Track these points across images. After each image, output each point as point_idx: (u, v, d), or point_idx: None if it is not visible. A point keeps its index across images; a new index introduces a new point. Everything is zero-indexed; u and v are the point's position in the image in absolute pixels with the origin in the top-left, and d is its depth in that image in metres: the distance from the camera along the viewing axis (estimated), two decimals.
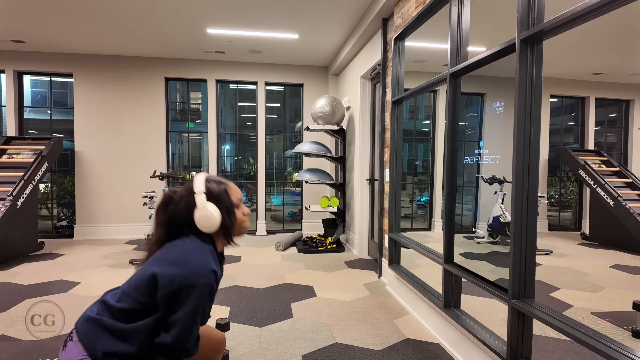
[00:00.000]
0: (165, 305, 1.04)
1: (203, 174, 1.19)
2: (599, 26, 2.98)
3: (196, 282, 1.03)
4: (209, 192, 1.13)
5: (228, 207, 1.15)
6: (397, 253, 3.15)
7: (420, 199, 4.93)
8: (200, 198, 1.11)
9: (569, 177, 6.23)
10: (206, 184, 1.15)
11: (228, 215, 1.15)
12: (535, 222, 1.57)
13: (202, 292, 1.04)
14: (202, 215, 1.10)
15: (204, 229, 1.12)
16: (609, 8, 1.20)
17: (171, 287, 1.02)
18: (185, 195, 1.14)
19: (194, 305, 1.03)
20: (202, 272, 1.05)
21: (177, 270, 1.04)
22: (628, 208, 4.58)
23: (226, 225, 1.15)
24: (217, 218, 1.11)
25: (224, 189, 1.16)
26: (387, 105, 3.42)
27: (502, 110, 2.00)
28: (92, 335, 1.03)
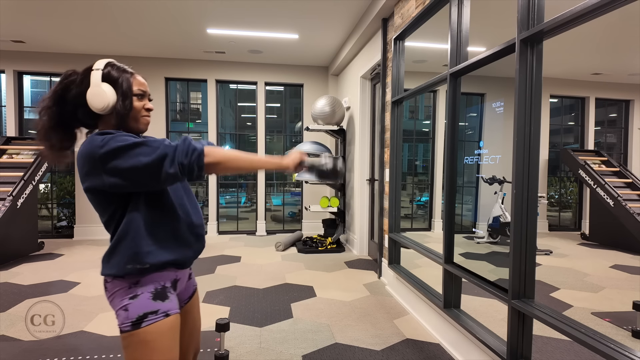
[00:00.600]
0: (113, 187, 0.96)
1: (108, 59, 1.12)
2: (599, 26, 2.98)
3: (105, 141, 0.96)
4: (108, 74, 1.06)
5: (125, 91, 1.07)
6: (397, 253, 3.15)
7: (420, 199, 4.93)
8: (95, 74, 1.05)
9: (569, 177, 6.23)
10: (107, 67, 1.08)
11: (123, 99, 1.06)
12: (535, 222, 1.57)
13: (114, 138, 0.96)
14: (94, 91, 1.03)
15: (94, 107, 1.03)
16: (609, 8, 1.20)
17: (81, 159, 0.97)
18: (82, 72, 1.08)
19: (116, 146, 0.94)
20: (92, 140, 0.98)
21: (81, 149, 0.99)
22: (628, 208, 4.58)
23: (118, 109, 1.05)
24: (109, 97, 1.03)
25: (125, 76, 1.09)
26: (387, 105, 3.42)
27: (502, 111, 2.00)
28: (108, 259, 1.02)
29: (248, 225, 6.07)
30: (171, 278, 1.08)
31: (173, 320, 1.03)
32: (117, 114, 1.06)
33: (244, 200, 7.04)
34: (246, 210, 6.70)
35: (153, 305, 1.00)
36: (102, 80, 1.04)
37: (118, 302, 1.00)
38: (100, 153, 0.94)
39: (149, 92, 1.16)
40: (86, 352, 2.14)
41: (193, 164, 0.97)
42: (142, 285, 1.02)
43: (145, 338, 0.98)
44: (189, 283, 1.21)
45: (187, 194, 1.16)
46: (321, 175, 1.19)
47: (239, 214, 6.26)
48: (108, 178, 0.95)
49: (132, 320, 0.97)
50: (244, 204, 7.00)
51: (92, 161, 0.95)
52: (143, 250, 1.00)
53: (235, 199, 6.66)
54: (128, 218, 1.01)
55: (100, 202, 1.02)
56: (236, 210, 6.32)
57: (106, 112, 1.05)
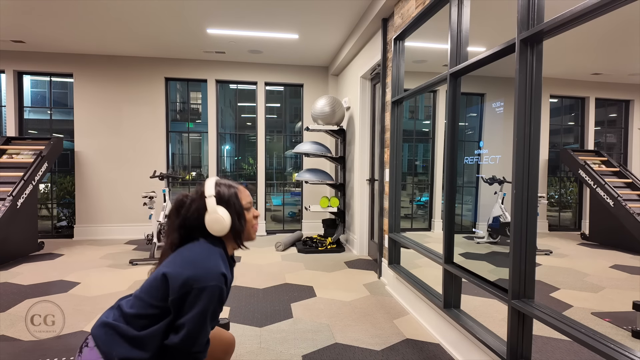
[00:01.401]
0: (175, 307, 1.04)
1: (213, 178, 1.21)
2: (599, 26, 2.98)
3: (206, 284, 1.03)
4: (219, 195, 1.14)
5: (238, 211, 1.16)
6: (397, 253, 3.15)
7: (420, 199, 4.93)
8: (210, 201, 1.12)
9: (568, 177, 6.23)
10: (216, 187, 1.16)
11: (238, 219, 1.16)
12: (535, 222, 1.57)
13: (212, 294, 1.04)
14: (212, 218, 1.11)
15: (214, 232, 1.13)
16: (609, 8, 1.20)
17: (181, 288, 1.03)
18: (196, 199, 1.16)
19: (202, 308, 1.03)
20: (212, 274, 1.05)
21: (186, 272, 1.04)
22: (628, 208, 4.58)
23: (236, 229, 1.16)
24: (227, 221, 1.12)
25: (234, 193, 1.17)
26: (387, 105, 3.42)
27: (502, 111, 2.00)
28: (109, 341, 1.03)
29: None
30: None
31: None
32: (234, 233, 1.17)
33: None
34: None
35: None
36: (216, 204, 1.14)
37: None
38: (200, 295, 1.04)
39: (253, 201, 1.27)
40: None
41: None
42: None
43: None
44: None
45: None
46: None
47: None
48: (179, 300, 1.04)
49: None
50: None
51: (192, 287, 1.04)
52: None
53: None
54: (157, 331, 1.06)
55: (164, 293, 1.07)
56: None
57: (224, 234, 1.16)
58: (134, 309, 1.07)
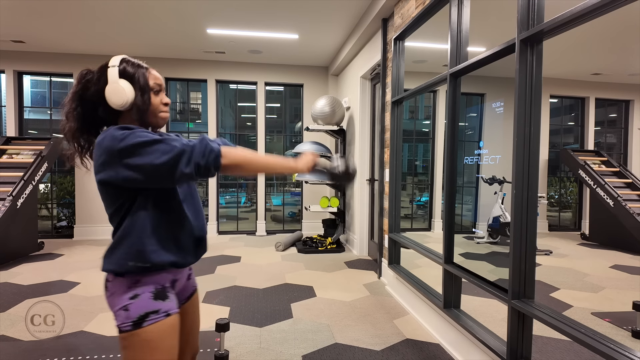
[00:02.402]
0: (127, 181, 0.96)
1: (123, 55, 1.12)
2: (599, 26, 2.98)
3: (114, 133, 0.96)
4: (124, 70, 1.07)
5: (142, 86, 1.07)
6: (397, 253, 3.15)
7: (420, 199, 4.93)
8: (112, 71, 1.05)
9: (568, 177, 6.24)
10: (122, 63, 1.08)
11: (141, 94, 1.07)
12: (535, 223, 1.57)
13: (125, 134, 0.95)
14: (112, 88, 1.04)
15: (113, 104, 1.04)
16: (609, 8, 1.20)
17: (100, 157, 0.96)
18: (97, 70, 1.08)
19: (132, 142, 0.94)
20: (113, 132, 0.97)
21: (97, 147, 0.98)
22: (628, 208, 4.58)
23: (137, 104, 1.06)
24: (128, 93, 1.04)
25: (141, 72, 1.09)
26: (387, 106, 3.42)
27: (502, 111, 2.00)
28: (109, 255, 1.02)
29: (248, 225, 6.07)
30: (170, 278, 1.09)
31: (173, 320, 1.03)
32: (136, 110, 1.07)
33: (243, 201, 7.05)
34: (246, 211, 6.70)
35: (154, 305, 1.00)
36: (119, 76, 1.05)
37: (117, 301, 1.00)
38: (119, 147, 0.94)
39: (164, 86, 1.17)
40: (86, 352, 2.14)
41: (210, 165, 0.98)
42: (142, 285, 1.01)
43: (146, 338, 0.98)
44: (187, 283, 1.21)
45: (193, 198, 1.16)
46: (334, 178, 1.17)
47: (239, 214, 6.26)
48: (123, 171, 0.95)
49: (134, 320, 0.97)
50: (244, 204, 7.00)
51: (109, 153, 0.95)
52: (146, 249, 1.00)
53: (235, 199, 6.66)
54: (134, 215, 1.01)
55: (110, 194, 1.02)
56: (236, 210, 6.32)
57: (125, 108, 1.06)
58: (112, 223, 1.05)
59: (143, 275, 1.02)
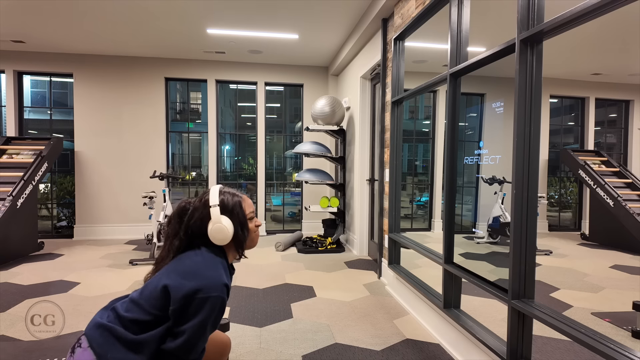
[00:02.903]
0: (175, 316, 1.04)
1: (217, 186, 1.20)
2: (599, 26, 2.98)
3: (208, 295, 1.03)
4: (222, 204, 1.14)
5: (241, 220, 1.16)
6: (397, 253, 3.15)
7: (420, 199, 4.93)
8: (214, 211, 1.12)
9: (568, 177, 6.23)
10: (220, 196, 1.15)
11: (241, 229, 1.16)
12: (535, 223, 1.57)
13: (214, 304, 1.04)
14: (216, 228, 1.11)
15: (217, 241, 1.12)
16: (609, 8, 1.20)
17: (183, 299, 1.03)
18: (199, 207, 1.15)
19: (203, 318, 1.03)
20: (215, 285, 1.05)
21: (189, 283, 1.04)
22: (628, 208, 4.58)
23: (239, 239, 1.16)
24: (230, 231, 1.12)
25: (237, 202, 1.17)
26: (387, 106, 3.42)
27: (502, 111, 2.00)
28: (104, 342, 1.02)
29: None
30: None
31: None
32: (237, 242, 1.16)
33: None
34: None
35: None
36: (220, 213, 1.13)
37: None
38: (200, 307, 1.04)
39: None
40: None
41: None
42: None
43: None
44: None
45: None
46: None
47: None
48: (180, 312, 1.04)
49: None
50: None
51: (192, 298, 1.04)
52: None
53: None
54: (152, 337, 1.05)
55: (165, 304, 1.06)
56: None
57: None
58: (131, 313, 1.06)
59: None
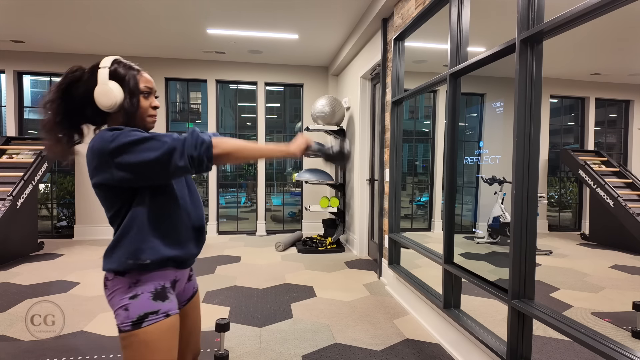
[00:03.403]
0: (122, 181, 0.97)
1: (115, 57, 1.12)
2: (599, 26, 2.98)
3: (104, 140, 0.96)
4: (114, 71, 1.06)
5: (132, 89, 1.07)
6: (397, 253, 3.15)
7: (420, 199, 4.93)
8: (103, 72, 1.04)
9: (568, 177, 6.24)
10: (114, 64, 1.07)
11: (130, 97, 1.06)
12: (535, 223, 1.57)
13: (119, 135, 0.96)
14: (101, 89, 1.03)
15: (102, 106, 1.04)
16: (609, 8, 1.20)
17: (93, 160, 0.97)
18: (88, 69, 1.07)
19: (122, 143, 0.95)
20: (102, 134, 0.98)
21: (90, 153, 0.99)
22: (628, 208, 4.58)
23: (126, 107, 1.06)
24: (117, 95, 1.03)
25: (132, 73, 1.09)
26: (387, 106, 3.42)
27: (502, 111, 2.00)
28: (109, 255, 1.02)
29: (248, 225, 6.07)
30: (170, 278, 1.08)
31: (173, 321, 1.03)
32: (124, 112, 1.06)
33: (243, 201, 7.04)
34: (246, 211, 6.69)
35: (153, 305, 1.00)
36: (109, 78, 1.04)
37: (118, 301, 1.00)
38: (110, 148, 0.95)
39: (156, 89, 1.16)
40: (86, 352, 2.14)
41: (202, 156, 0.98)
42: (142, 284, 1.01)
43: (145, 338, 0.98)
44: (188, 284, 1.21)
45: (192, 194, 1.16)
46: (328, 158, 1.18)
47: (239, 214, 6.26)
48: (117, 172, 0.96)
49: (133, 320, 0.97)
50: (244, 204, 6.99)
51: (102, 156, 0.96)
52: (145, 246, 1.00)
53: (235, 199, 6.66)
54: (132, 213, 1.01)
55: (108, 197, 1.02)
56: (236, 210, 6.32)
57: (114, 110, 1.05)
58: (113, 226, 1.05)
59: (143, 274, 1.02)
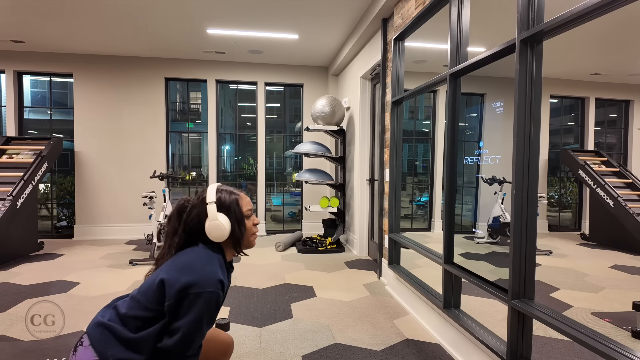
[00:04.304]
0: (170, 311, 1.05)
1: (215, 184, 1.22)
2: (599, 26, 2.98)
3: (202, 290, 1.04)
4: (220, 202, 1.15)
5: (238, 218, 1.17)
6: (397, 253, 3.15)
7: (420, 199, 4.93)
8: (211, 208, 1.13)
9: (568, 177, 6.23)
10: (217, 194, 1.17)
11: (238, 226, 1.17)
12: (535, 223, 1.57)
13: (209, 300, 1.05)
14: (213, 225, 1.12)
15: (213, 238, 1.13)
16: (609, 8, 1.20)
17: (178, 294, 1.03)
18: (197, 204, 1.17)
19: (199, 313, 1.04)
20: (209, 280, 1.06)
21: (184, 278, 1.04)
22: (628, 208, 4.58)
23: (235, 236, 1.17)
24: (227, 228, 1.13)
25: (234, 200, 1.18)
26: (387, 106, 3.42)
27: (502, 111, 2.00)
28: (104, 341, 1.03)
29: None
30: None
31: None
32: (233, 239, 1.17)
33: None
34: None
35: None
36: (217, 210, 1.14)
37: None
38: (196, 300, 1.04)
39: (253, 208, 1.27)
40: None
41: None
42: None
43: None
44: None
45: None
46: None
47: None
48: (177, 304, 1.05)
49: None
50: None
51: (188, 292, 1.04)
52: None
53: None
54: (150, 335, 1.06)
55: (159, 301, 1.07)
56: None
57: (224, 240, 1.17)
58: (130, 310, 1.07)
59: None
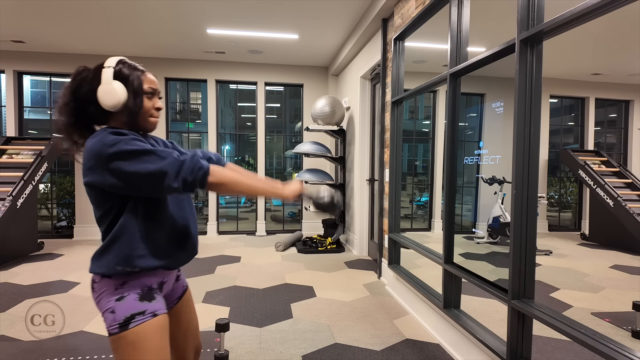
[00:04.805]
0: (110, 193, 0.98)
1: (121, 57, 1.12)
2: (599, 26, 2.98)
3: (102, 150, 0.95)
4: (119, 71, 1.06)
5: (136, 89, 1.07)
6: (396, 253, 3.15)
7: (420, 199, 4.93)
8: (107, 72, 1.05)
9: (568, 177, 6.24)
10: (119, 64, 1.07)
11: (134, 97, 1.06)
12: (535, 223, 1.57)
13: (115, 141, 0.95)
14: (105, 89, 1.03)
15: (105, 105, 1.04)
16: (609, 8, 1.20)
17: (88, 162, 0.97)
18: (93, 69, 1.08)
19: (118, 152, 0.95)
20: (104, 137, 0.97)
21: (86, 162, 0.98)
22: (628, 208, 4.58)
23: (129, 107, 1.06)
24: (120, 94, 1.03)
25: (137, 74, 1.09)
26: (387, 106, 3.42)
27: (502, 111, 2.00)
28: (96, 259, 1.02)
29: (248, 225, 6.07)
30: (158, 280, 1.09)
31: (161, 321, 1.03)
32: (127, 112, 1.06)
33: (243, 201, 7.05)
34: (246, 211, 6.70)
35: (140, 306, 1.00)
36: (113, 77, 1.05)
37: (105, 303, 1.00)
38: (109, 152, 0.94)
39: (160, 90, 1.16)
40: (86, 352, 2.14)
41: (196, 182, 0.99)
42: (128, 286, 1.02)
43: (133, 339, 0.97)
44: (176, 284, 1.22)
45: (185, 202, 1.17)
46: (318, 207, 1.22)
47: (238, 214, 6.26)
48: (110, 177, 0.95)
49: (120, 322, 0.97)
50: (244, 204, 7.00)
51: (98, 158, 0.95)
52: (136, 254, 1.00)
53: (235, 199, 6.66)
54: (125, 219, 1.01)
55: (98, 196, 1.02)
56: (236, 210, 6.32)
57: (117, 110, 1.05)
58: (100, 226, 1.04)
59: (130, 277, 1.02)
